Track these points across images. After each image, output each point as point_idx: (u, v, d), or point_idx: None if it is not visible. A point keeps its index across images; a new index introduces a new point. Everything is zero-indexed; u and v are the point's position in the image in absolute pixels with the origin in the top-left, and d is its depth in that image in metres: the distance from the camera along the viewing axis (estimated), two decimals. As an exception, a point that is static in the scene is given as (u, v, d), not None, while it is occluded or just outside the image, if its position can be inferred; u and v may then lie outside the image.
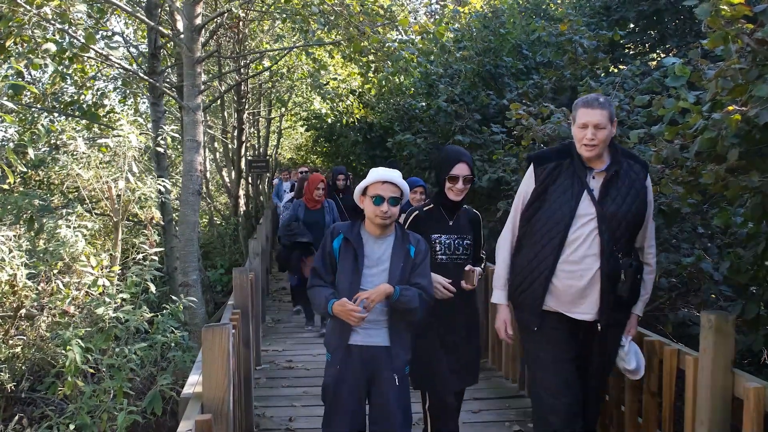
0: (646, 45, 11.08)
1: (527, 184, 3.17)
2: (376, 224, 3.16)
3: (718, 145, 3.33)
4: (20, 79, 6.32)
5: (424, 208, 3.61)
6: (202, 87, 7.17)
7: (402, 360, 3.20)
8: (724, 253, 5.36)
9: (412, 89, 11.56)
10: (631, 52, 11.01)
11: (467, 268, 3.45)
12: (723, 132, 3.25)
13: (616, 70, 9.12)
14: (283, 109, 18.14)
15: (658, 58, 10.18)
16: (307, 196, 6.99)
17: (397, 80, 10.76)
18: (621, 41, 9.67)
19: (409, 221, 3.60)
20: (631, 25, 10.77)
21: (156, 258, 5.40)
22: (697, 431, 2.87)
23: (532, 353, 3.19)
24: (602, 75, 8.31)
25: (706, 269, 5.02)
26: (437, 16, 15.25)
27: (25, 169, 6.19)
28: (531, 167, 3.18)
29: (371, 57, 9.12)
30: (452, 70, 10.06)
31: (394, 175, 3.19)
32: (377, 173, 3.21)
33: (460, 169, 3.44)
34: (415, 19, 13.58)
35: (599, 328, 3.01)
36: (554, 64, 9.10)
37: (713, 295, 5.32)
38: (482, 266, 3.81)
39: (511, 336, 3.35)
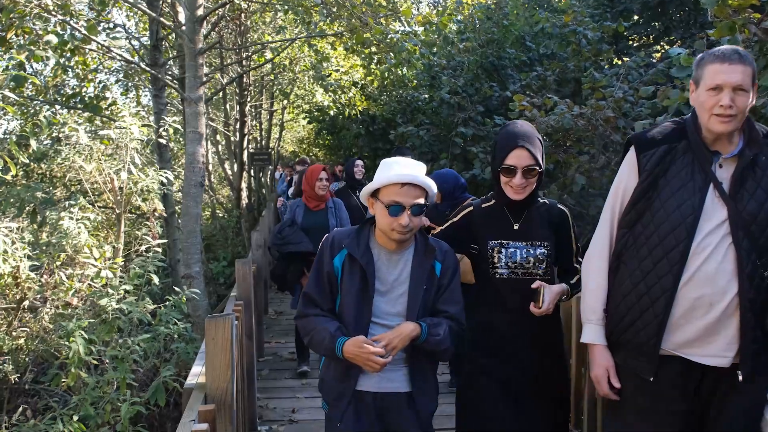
0: (651, 36, 11.04)
1: (627, 176, 2.32)
2: (392, 239, 2.40)
3: (724, 136, 3.30)
4: (22, 71, 6.31)
5: (483, 204, 2.77)
6: (204, 79, 7.15)
7: (428, 410, 2.51)
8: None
9: (415, 81, 11.55)
10: (635, 44, 10.97)
11: (535, 284, 2.58)
12: (729, 122, 3.22)
13: (620, 62, 9.09)
14: (285, 102, 18.12)
15: (662, 50, 10.14)
16: (307, 193, 5.56)
17: (400, 72, 10.73)
18: (625, 33, 9.64)
19: (458, 218, 2.82)
20: (635, 17, 10.73)
21: (159, 250, 5.40)
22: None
23: (632, 414, 2.29)
24: (606, 66, 8.28)
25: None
26: (440, 7, 15.20)
27: (27, 161, 6.18)
28: (632, 154, 2.33)
29: (374, 48, 9.09)
30: (455, 61, 10.04)
31: (418, 173, 2.37)
32: (395, 170, 2.38)
33: (518, 158, 2.56)
34: (418, 10, 13.52)
35: (740, 377, 2.11)
36: (558, 56, 9.08)
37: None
38: (574, 281, 2.74)
39: (617, 389, 2.32)
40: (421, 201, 2.37)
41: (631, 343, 2.25)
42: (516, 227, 2.67)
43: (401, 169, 2.37)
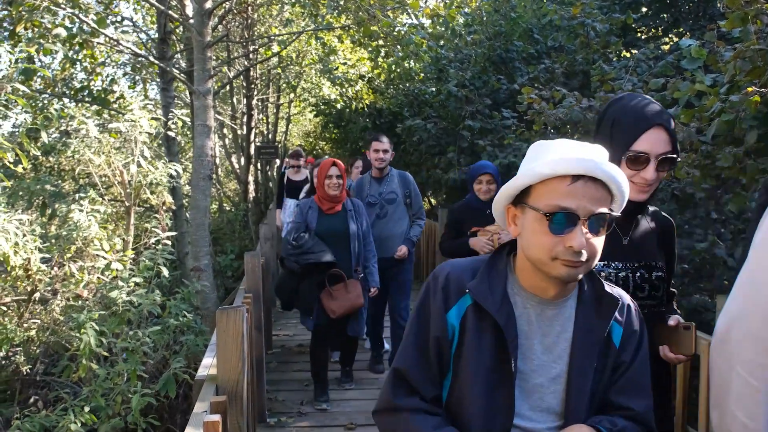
0: (659, 28, 10.97)
1: None
2: (553, 276, 1.39)
3: (736, 128, 3.29)
4: (31, 64, 6.33)
5: None
6: (212, 72, 7.16)
7: None
8: (737, 238, 5.35)
9: (422, 74, 11.52)
10: (643, 36, 10.91)
11: (673, 320, 1.88)
12: (741, 114, 3.22)
13: (628, 54, 9.05)
14: (292, 95, 18.12)
15: (671, 42, 10.09)
16: (318, 192, 4.77)
17: (407, 65, 10.71)
18: (633, 25, 9.59)
19: None
20: (644, 9, 10.66)
21: (168, 242, 5.42)
22: (712, 415, 2.85)
23: None
24: (615, 59, 8.25)
25: (719, 255, 5.00)
26: (447, 0, 15.15)
27: (38, 153, 6.22)
28: None
29: (381, 41, 9.07)
30: (462, 54, 10.01)
31: (600, 158, 1.38)
32: (558, 153, 1.39)
33: (653, 143, 1.80)
34: (426, 2, 13.48)
35: None
36: (566, 48, 9.04)
37: (726, 281, 5.30)
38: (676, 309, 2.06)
39: None
40: (605, 209, 1.36)
41: None
42: (625, 242, 1.92)
43: (571, 153, 1.37)
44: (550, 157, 1.37)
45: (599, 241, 1.36)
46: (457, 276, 1.47)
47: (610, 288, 1.52)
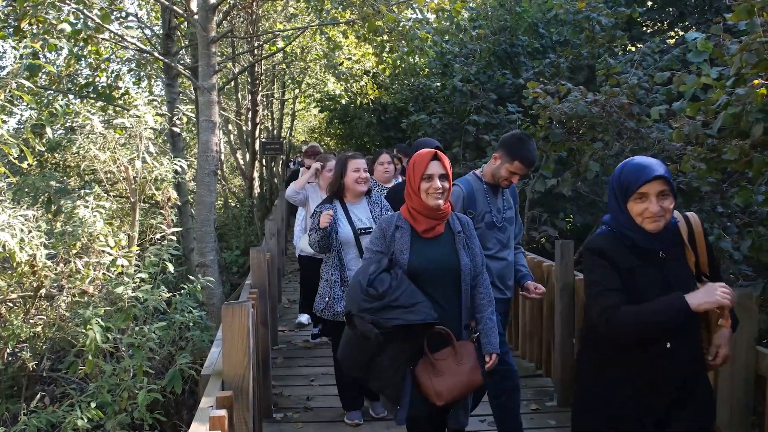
0: (665, 22, 10.93)
1: None
2: None
3: (742, 121, 3.27)
4: (36, 60, 6.34)
5: None
6: (217, 67, 7.16)
7: None
8: (743, 232, 5.33)
9: (427, 69, 11.51)
10: (649, 30, 10.87)
11: None
12: (747, 107, 3.20)
13: (633, 48, 9.02)
14: (297, 91, 18.11)
15: (677, 36, 10.04)
16: (412, 204, 2.81)
17: (412, 60, 10.69)
18: (639, 19, 9.55)
19: None
20: (649, 2, 10.61)
21: (174, 238, 5.42)
22: (720, 409, 2.85)
23: None
24: (620, 53, 8.23)
25: (725, 248, 4.98)
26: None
27: (43, 149, 6.22)
28: None
29: (386, 37, 9.06)
30: (467, 49, 10.00)
31: None
32: None
33: None
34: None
35: None
36: (571, 43, 9.01)
37: (732, 275, 5.29)
38: None
39: None
40: None
41: None
42: None
43: None
44: None
45: None
46: None
47: None
